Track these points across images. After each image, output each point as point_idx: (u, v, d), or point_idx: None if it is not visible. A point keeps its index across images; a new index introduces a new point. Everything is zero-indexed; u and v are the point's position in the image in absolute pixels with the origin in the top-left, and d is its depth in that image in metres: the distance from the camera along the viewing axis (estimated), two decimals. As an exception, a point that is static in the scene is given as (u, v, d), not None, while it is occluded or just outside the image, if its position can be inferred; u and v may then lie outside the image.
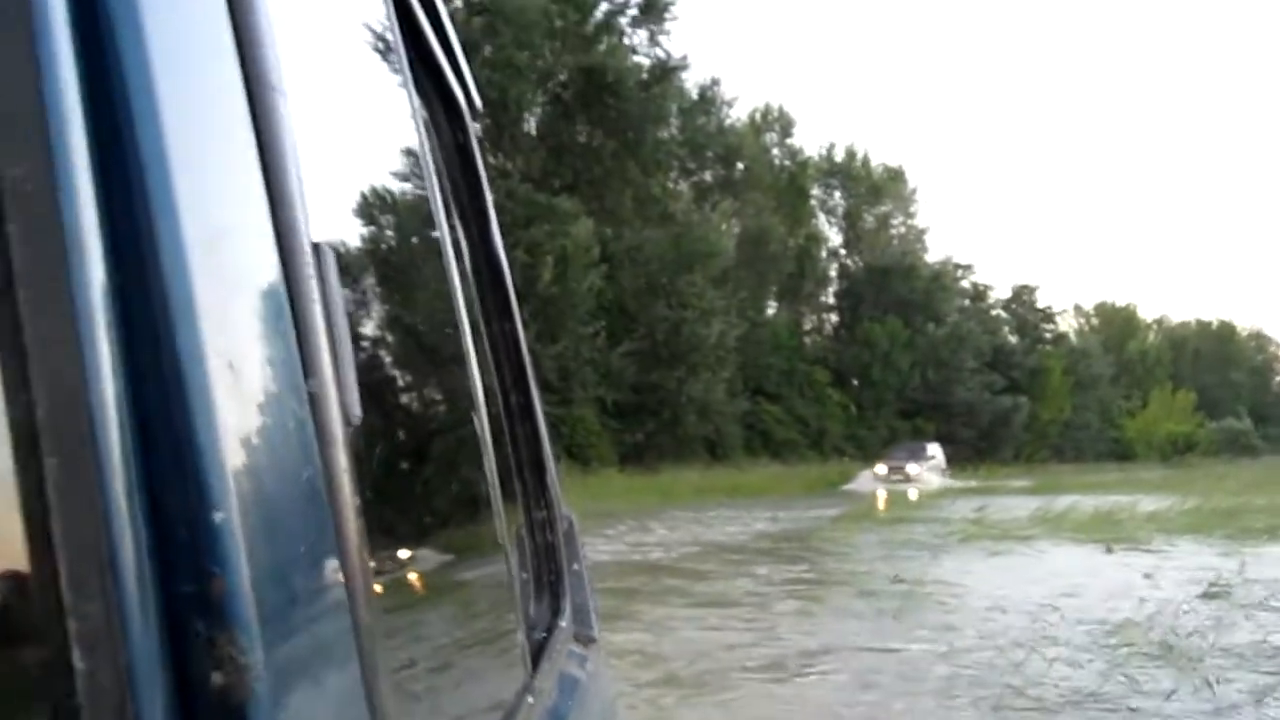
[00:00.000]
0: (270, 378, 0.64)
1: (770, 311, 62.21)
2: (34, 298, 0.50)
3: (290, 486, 0.64)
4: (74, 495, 0.49)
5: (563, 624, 1.89)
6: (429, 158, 1.46)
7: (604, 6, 48.80)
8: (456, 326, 1.43)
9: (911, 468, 46.55)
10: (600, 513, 24.09)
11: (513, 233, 42.25)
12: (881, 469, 47.12)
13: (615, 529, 22.24)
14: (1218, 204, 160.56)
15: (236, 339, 0.60)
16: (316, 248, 0.73)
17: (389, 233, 1.27)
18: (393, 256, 1.27)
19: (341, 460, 0.71)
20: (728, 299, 49.36)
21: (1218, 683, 7.89)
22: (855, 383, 61.64)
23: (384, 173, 1.29)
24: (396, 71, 1.36)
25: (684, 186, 54.12)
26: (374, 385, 0.95)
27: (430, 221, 1.41)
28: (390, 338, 1.17)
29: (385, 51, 1.32)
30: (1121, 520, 22.68)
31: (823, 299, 68.85)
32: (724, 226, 50.80)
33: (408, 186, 1.41)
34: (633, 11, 49.38)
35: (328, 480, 0.68)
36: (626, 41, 49.69)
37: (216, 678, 0.53)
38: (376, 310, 1.11)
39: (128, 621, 0.49)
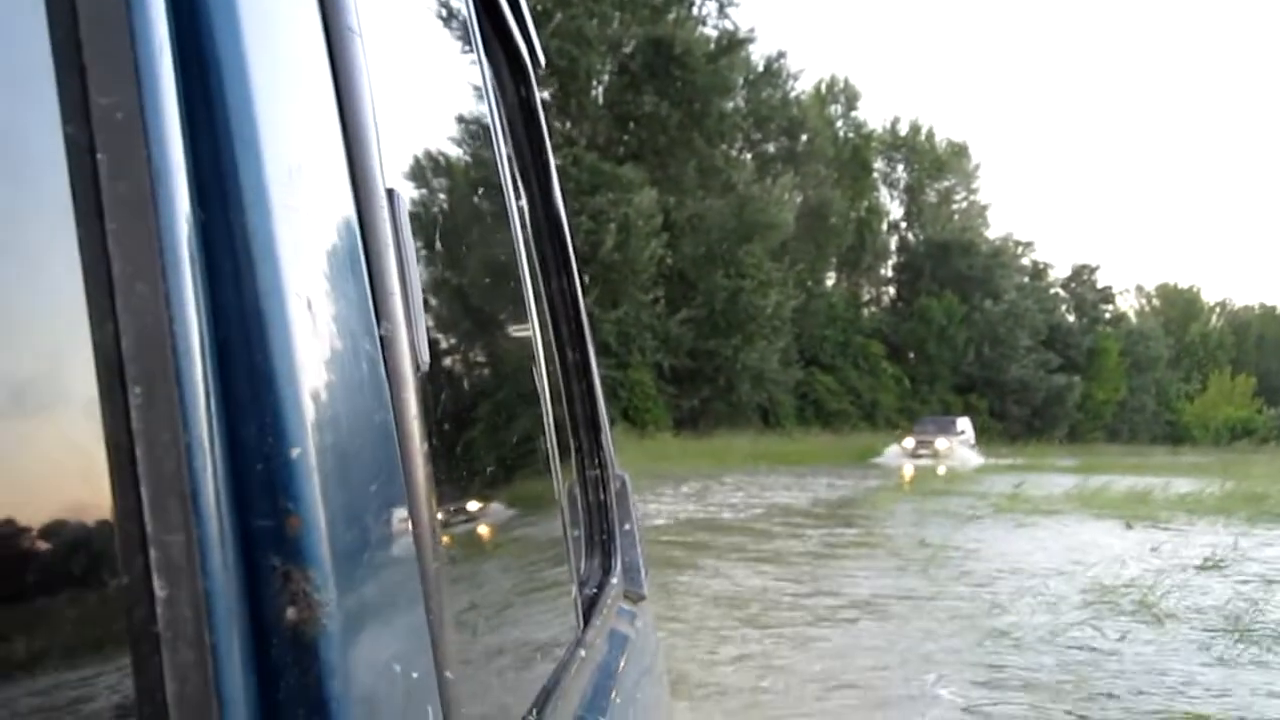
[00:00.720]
0: (345, 318, 0.64)
1: (829, 283, 63.44)
2: (121, 229, 0.51)
3: (363, 428, 0.65)
4: (156, 425, 0.50)
5: (613, 581, 1.93)
6: (494, 114, 1.48)
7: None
8: (518, 282, 1.47)
9: (941, 442, 44.56)
10: (656, 473, 25.89)
11: (577, 199, 43.91)
12: (909, 443, 45.48)
13: (673, 490, 23.81)
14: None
15: (313, 277, 0.61)
16: (391, 192, 0.75)
17: (456, 184, 1.31)
18: (459, 208, 1.31)
19: (412, 405, 0.73)
20: (785, 270, 50.64)
21: (1161, 631, 9.42)
22: (910, 356, 62.63)
23: (452, 125, 1.34)
24: (464, 28, 1.40)
25: (747, 157, 55.29)
26: (440, 334, 1.00)
27: (494, 176, 1.44)
28: (455, 288, 1.21)
29: (454, 8, 1.37)
30: (1151, 500, 23.86)
31: (882, 272, 69.91)
32: (785, 198, 51.79)
33: (474, 141, 1.44)
34: (702, -17, 50.61)
35: (399, 424, 0.70)
36: (695, 13, 50.89)
37: (290, 612, 0.54)
38: (443, 260, 1.14)
39: (207, 552, 0.50)
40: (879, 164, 69.98)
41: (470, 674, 0.85)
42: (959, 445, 45.06)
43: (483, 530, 1.18)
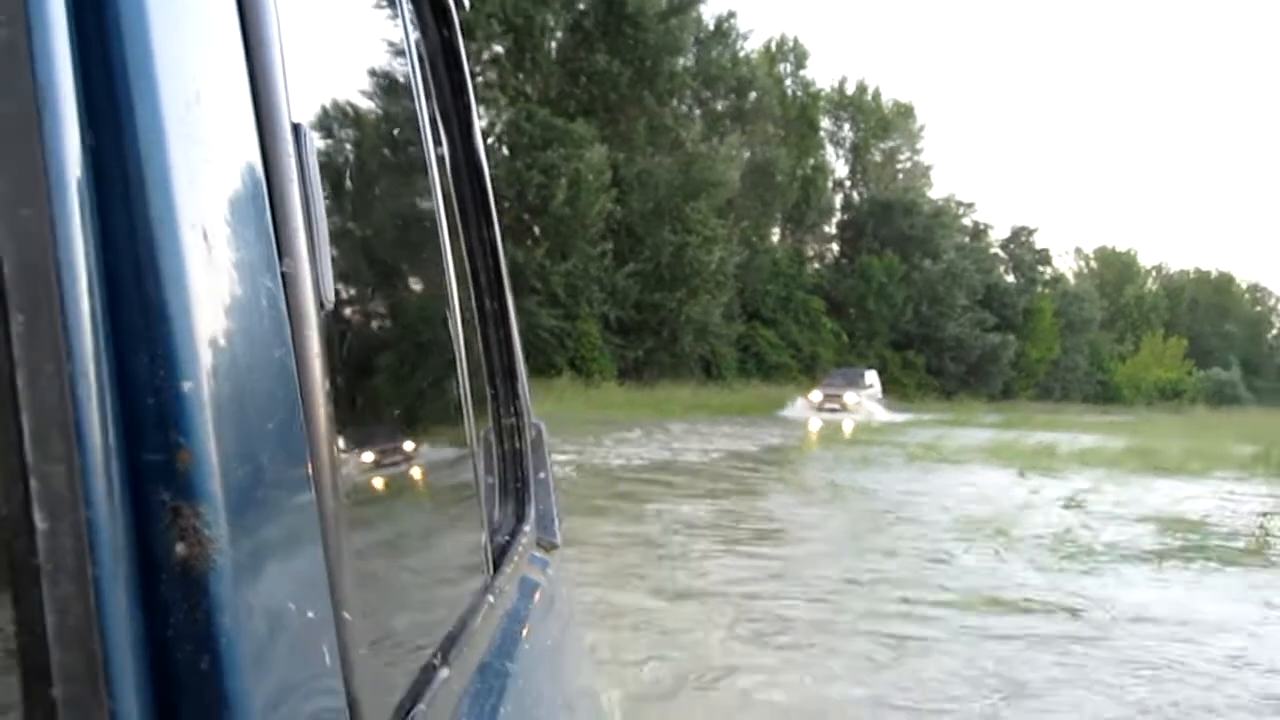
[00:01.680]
0: (244, 253, 0.63)
1: (774, 239, 65.73)
2: (4, 151, 0.49)
3: (261, 364, 0.64)
4: (38, 354, 0.49)
5: (526, 529, 1.93)
6: (413, 54, 1.45)
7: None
8: (434, 227, 1.46)
9: (850, 396, 43.90)
10: (600, 420, 28.26)
11: (529, 154, 45.91)
12: (816, 396, 44.60)
13: (607, 436, 26.13)
14: (1226, 156, 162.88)
15: (211, 209, 0.60)
16: (296, 128, 0.74)
17: (369, 123, 1.27)
18: (371, 148, 1.28)
19: (313, 343, 0.72)
20: (730, 227, 52.73)
21: (1005, 549, 11.87)
22: (850, 313, 65.11)
23: (366, 62, 1.30)
24: None
25: (697, 113, 57.27)
26: (347, 274, 0.97)
27: (412, 118, 1.41)
28: (366, 229, 1.19)
29: None
30: (1055, 453, 26.37)
31: (826, 229, 72.19)
32: (732, 156, 53.89)
33: (390, 80, 1.40)
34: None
35: (299, 362, 0.69)
36: (648, -29, 52.64)
37: (179, 548, 0.53)
38: (352, 200, 1.12)
39: (90, 484, 0.49)
40: (826, 123, 72.11)
41: (370, 616, 0.86)
42: (867, 400, 44.79)
43: (387, 473, 1.15)
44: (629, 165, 49.73)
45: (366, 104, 1.24)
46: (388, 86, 1.37)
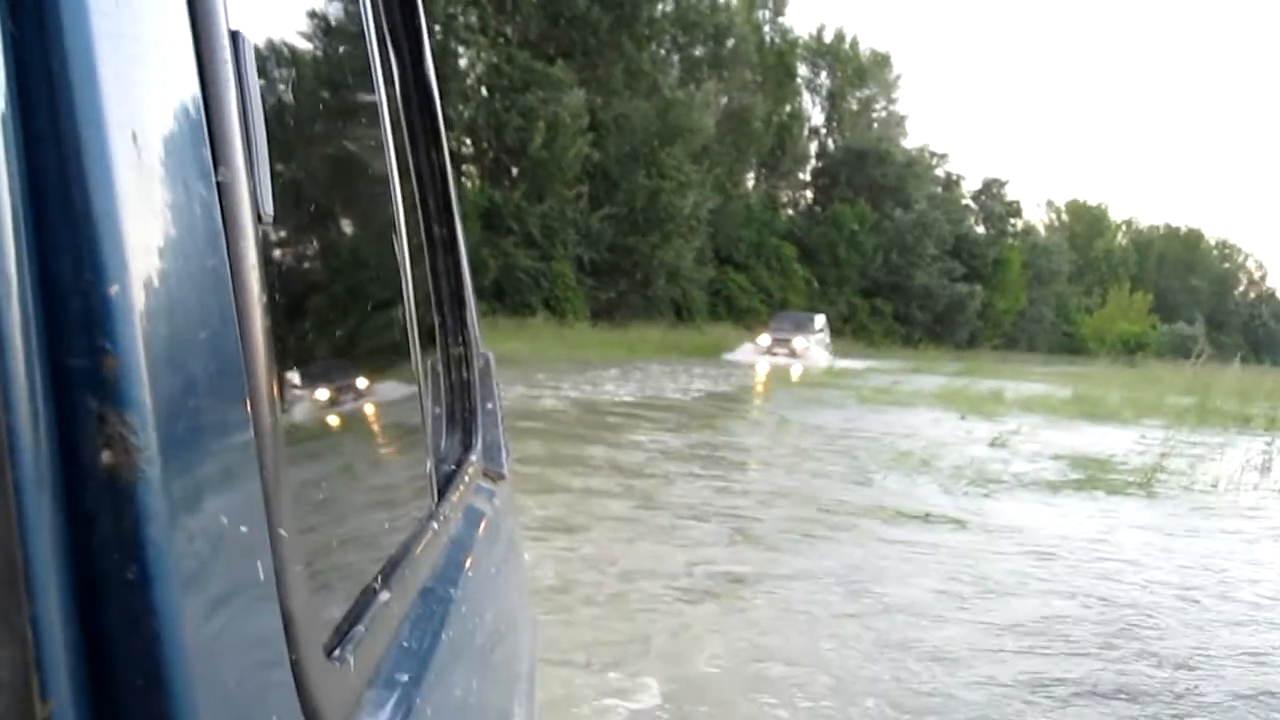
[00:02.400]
0: (177, 159, 0.62)
1: (749, 185, 67.35)
2: None
3: (194, 273, 0.62)
4: None
5: (473, 459, 1.93)
6: None
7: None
8: (381, 148, 1.44)
9: (799, 341, 43.24)
10: (575, 359, 30.04)
11: (508, 96, 47.29)
12: (765, 340, 43.88)
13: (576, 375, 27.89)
14: (1200, 114, 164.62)
15: (141, 111, 0.58)
16: (235, 35, 0.72)
17: (313, 37, 1.24)
18: (315, 64, 1.25)
19: (250, 255, 0.71)
20: (704, 173, 54.33)
21: (922, 475, 13.77)
22: (822, 259, 66.88)
23: None
24: None
25: (675, 58, 58.59)
26: (288, 188, 0.95)
27: (359, 36, 1.39)
28: (308, 145, 1.17)
29: None
30: (1001, 399, 28.21)
31: (800, 176, 73.83)
32: (708, 103, 55.30)
33: None
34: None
35: (234, 273, 0.68)
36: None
37: (105, 455, 0.52)
38: (294, 114, 1.10)
39: (9, 388, 0.48)
40: (803, 70, 73.56)
41: (309, 535, 0.85)
42: (816, 345, 44.24)
43: (327, 393, 1.14)
44: (606, 109, 51.03)
45: (311, 16, 1.24)
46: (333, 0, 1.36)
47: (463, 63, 49.50)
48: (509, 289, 45.67)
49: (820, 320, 47.98)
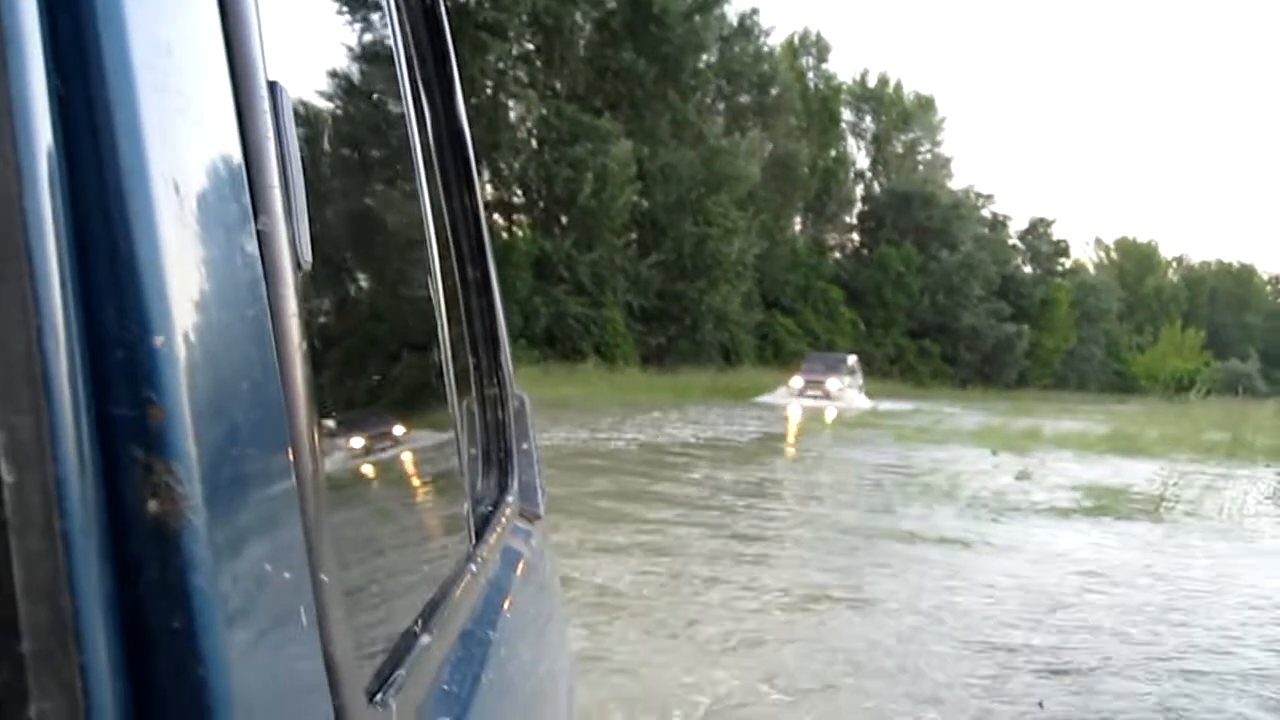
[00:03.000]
0: (218, 208, 0.62)
1: (795, 229, 68.94)
2: None
3: (236, 322, 0.63)
4: (5, 303, 0.48)
5: (509, 500, 1.95)
6: (393, 13, 1.44)
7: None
8: (415, 192, 1.46)
9: (832, 383, 43.23)
10: (625, 402, 31.63)
11: (558, 149, 49.18)
12: (798, 382, 43.96)
13: (627, 419, 29.42)
14: (1249, 148, 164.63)
15: (183, 163, 0.59)
16: (273, 85, 0.73)
17: (348, 85, 1.27)
18: (351, 111, 1.27)
19: (290, 303, 0.71)
20: (750, 219, 55.90)
21: (942, 504, 15.16)
22: (868, 302, 68.15)
23: (347, 23, 1.30)
24: None
25: (721, 106, 60.35)
26: (325, 236, 0.95)
27: (392, 82, 1.41)
28: (344, 192, 1.18)
29: None
30: (1037, 436, 29.30)
31: (847, 219, 75.36)
32: (752, 151, 56.92)
33: (371, 41, 1.40)
34: (681, -57, 55.42)
35: (275, 321, 0.68)
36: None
37: (152, 505, 0.53)
38: (331, 162, 1.12)
39: (59, 438, 0.49)
40: (848, 115, 75.41)
41: (350, 580, 0.86)
42: (849, 387, 44.17)
43: (368, 438, 1.16)
44: (653, 159, 52.70)
45: (347, 66, 1.26)
46: (368, 49, 1.39)
47: (513, 116, 51.46)
48: (560, 335, 47.34)
49: (852, 361, 47.65)
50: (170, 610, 0.54)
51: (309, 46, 1.09)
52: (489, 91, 48.89)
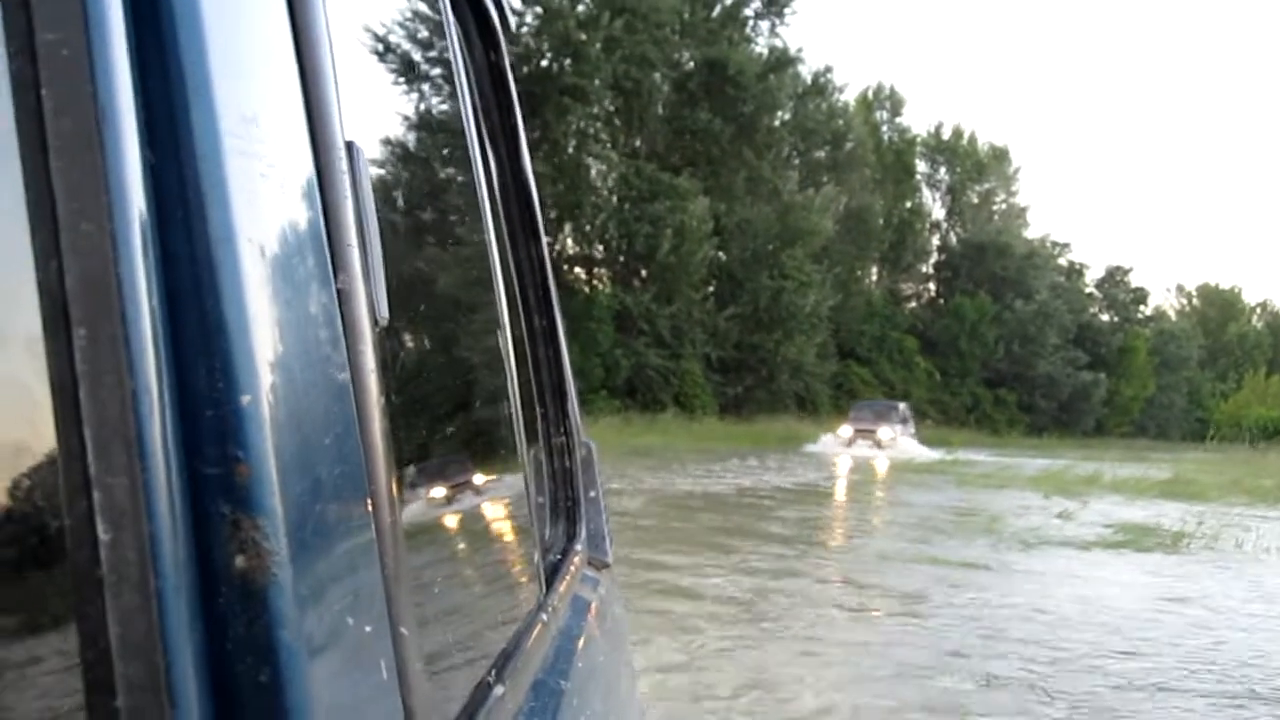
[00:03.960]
0: (300, 269, 0.65)
1: (872, 279, 71.09)
2: (66, 167, 0.51)
3: (317, 379, 0.65)
4: (100, 367, 0.50)
5: (578, 548, 1.98)
6: (461, 76, 1.48)
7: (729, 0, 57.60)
8: (484, 245, 1.48)
9: (884, 432, 41.69)
10: (704, 450, 34.09)
11: (638, 206, 51.83)
12: (846, 431, 42.39)
13: (703, 466, 31.86)
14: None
15: (267, 225, 0.61)
16: (350, 145, 0.75)
17: (419, 143, 1.33)
18: (422, 168, 1.33)
19: (369, 360, 0.73)
20: (824, 272, 58.05)
21: (979, 537, 17.43)
22: (944, 351, 69.99)
23: (416, 84, 1.36)
24: None
25: (796, 161, 62.69)
26: (399, 291, 0.98)
27: (460, 139, 1.45)
28: (417, 247, 1.22)
29: None
30: (1095, 481, 31.02)
31: (923, 269, 77.38)
32: (826, 207, 58.99)
33: (440, 101, 1.47)
34: (755, 5, 58.19)
35: (355, 378, 0.70)
36: (748, 32, 58.41)
37: (239, 560, 0.55)
38: (404, 218, 1.16)
39: (152, 496, 0.50)
40: (922, 166, 77.45)
41: (426, 631, 0.88)
42: (902, 435, 42.53)
43: (441, 489, 1.18)
44: (729, 215, 55.09)
45: (417, 123, 1.33)
46: (437, 107, 1.47)
47: (594, 175, 54.24)
48: (640, 387, 49.83)
49: (904, 408, 46.24)
50: (258, 665, 0.55)
51: (381, 106, 1.18)
52: (571, 152, 51.79)
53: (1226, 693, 8.64)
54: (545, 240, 2.11)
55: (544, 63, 50.09)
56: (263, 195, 0.62)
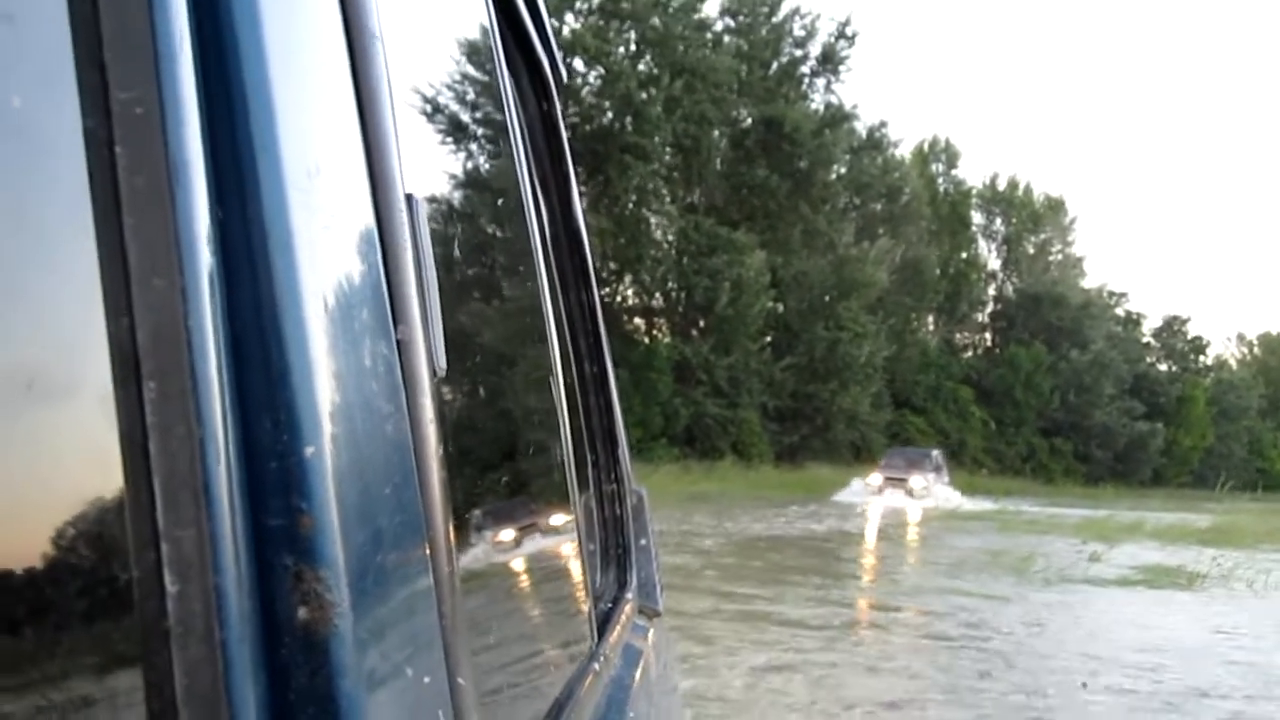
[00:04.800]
0: (361, 319, 0.66)
1: (929, 328, 72.80)
2: (138, 223, 0.52)
3: (378, 430, 0.66)
4: (169, 420, 0.51)
5: (629, 596, 2.00)
6: (514, 126, 1.51)
7: (785, 56, 59.78)
8: (536, 293, 1.52)
9: (916, 480, 39.94)
10: (759, 497, 36.18)
11: (697, 260, 53.98)
12: (875, 479, 40.70)
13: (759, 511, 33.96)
14: None
15: (330, 278, 0.63)
16: (409, 197, 0.78)
17: (474, 193, 1.35)
18: (477, 217, 1.35)
19: (428, 409, 0.75)
20: (879, 323, 59.96)
21: (1004, 574, 19.42)
22: (999, 401, 71.44)
23: (471, 134, 1.38)
24: (485, 38, 1.43)
25: (852, 214, 64.59)
26: (456, 340, 0.98)
27: (514, 188, 1.47)
28: (473, 296, 1.25)
29: (475, 18, 1.41)
30: (1137, 529, 32.61)
31: (979, 319, 78.97)
32: (881, 259, 60.65)
33: (494, 151, 1.49)
34: (811, 63, 60.49)
35: (414, 428, 0.72)
36: (803, 89, 60.62)
37: (302, 612, 0.56)
38: (460, 267, 1.17)
39: (219, 548, 0.52)
40: (978, 218, 79.02)
41: (482, 681, 0.88)
42: (936, 484, 40.90)
43: (497, 538, 1.19)
44: (786, 267, 56.97)
45: (471, 174, 1.36)
46: (491, 157, 1.49)
47: (655, 229, 56.59)
48: (699, 435, 51.79)
49: (937, 455, 44.92)
50: (320, 715, 0.56)
51: (437, 158, 1.20)
52: (632, 207, 54.12)
53: (1154, 692, 10.74)
54: (596, 288, 2.16)
55: (606, 121, 52.52)
56: (326, 248, 0.64)
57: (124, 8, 0.54)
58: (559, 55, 2.03)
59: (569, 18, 52.21)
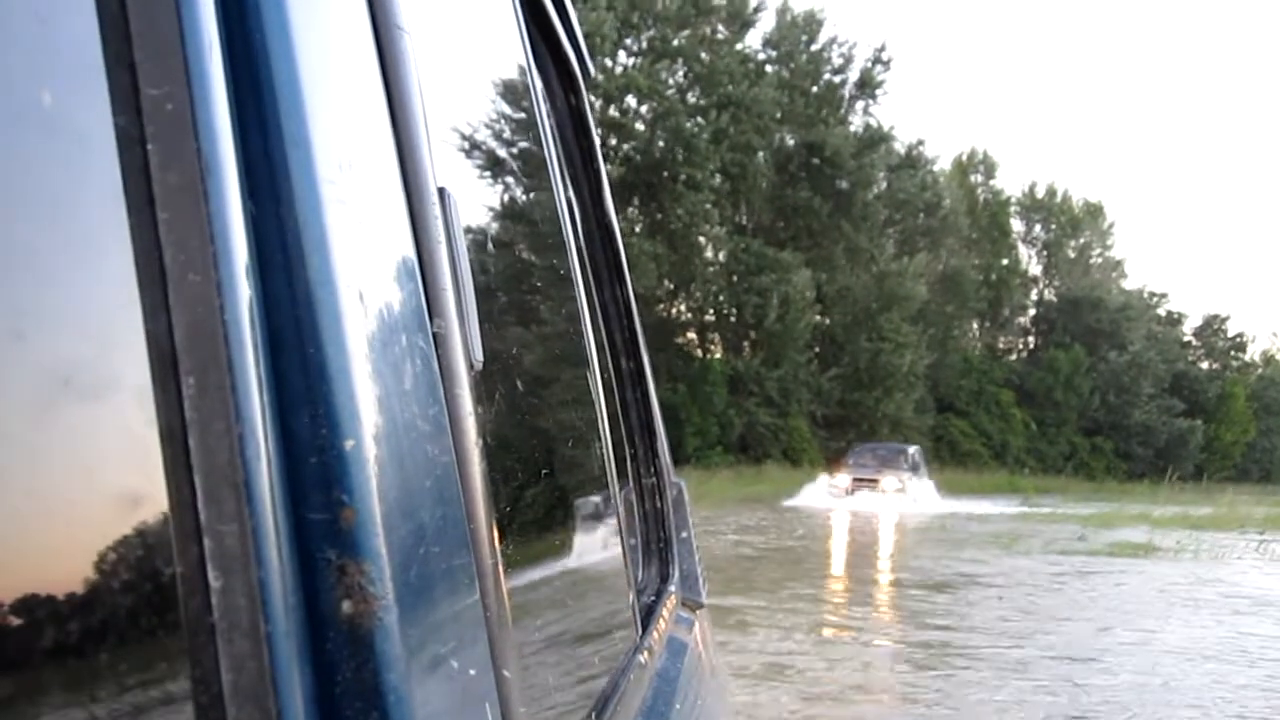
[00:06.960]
0: (398, 313, 0.68)
1: (972, 334, 77.64)
2: (172, 219, 0.53)
3: (417, 423, 0.67)
4: (209, 415, 0.52)
5: (671, 589, 2.03)
6: (543, 121, 1.53)
7: (824, 83, 64.88)
8: (571, 287, 1.55)
9: (889, 481, 36.20)
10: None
11: (746, 279, 59.13)
12: (843, 479, 36.80)
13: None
14: None
15: (365, 272, 0.64)
16: (442, 191, 0.79)
17: (507, 188, 1.36)
18: (510, 211, 1.36)
19: (466, 402, 0.76)
20: (920, 333, 64.67)
21: (990, 548, 24.93)
22: (1040, 403, 75.94)
23: (501, 129, 1.39)
24: (513, 33, 1.45)
25: (890, 230, 69.35)
26: (493, 334, 1.01)
27: (545, 182, 1.51)
28: (508, 290, 1.26)
29: (502, 15, 1.43)
30: (1147, 519, 36.18)
31: (1020, 322, 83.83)
32: (920, 274, 64.87)
33: (524, 145, 1.49)
34: (849, 89, 65.65)
35: (452, 421, 0.74)
36: (842, 113, 65.66)
37: (346, 605, 0.57)
38: (495, 262, 1.19)
39: (261, 543, 0.53)
40: (1018, 225, 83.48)
41: (528, 674, 0.90)
42: (913, 483, 37.18)
43: (538, 531, 1.21)
44: (830, 284, 61.58)
45: (503, 168, 1.36)
46: (522, 151, 1.49)
47: (707, 251, 61.62)
48: (751, 443, 56.62)
49: (914, 452, 40.96)
50: (367, 708, 0.57)
51: (468, 153, 1.20)
52: (685, 231, 59.26)
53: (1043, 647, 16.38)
54: (630, 282, 2.20)
55: (658, 154, 57.91)
56: (359, 241, 0.65)
57: (153, 5, 0.55)
58: (585, 50, 2.10)
59: (621, 55, 57.79)
